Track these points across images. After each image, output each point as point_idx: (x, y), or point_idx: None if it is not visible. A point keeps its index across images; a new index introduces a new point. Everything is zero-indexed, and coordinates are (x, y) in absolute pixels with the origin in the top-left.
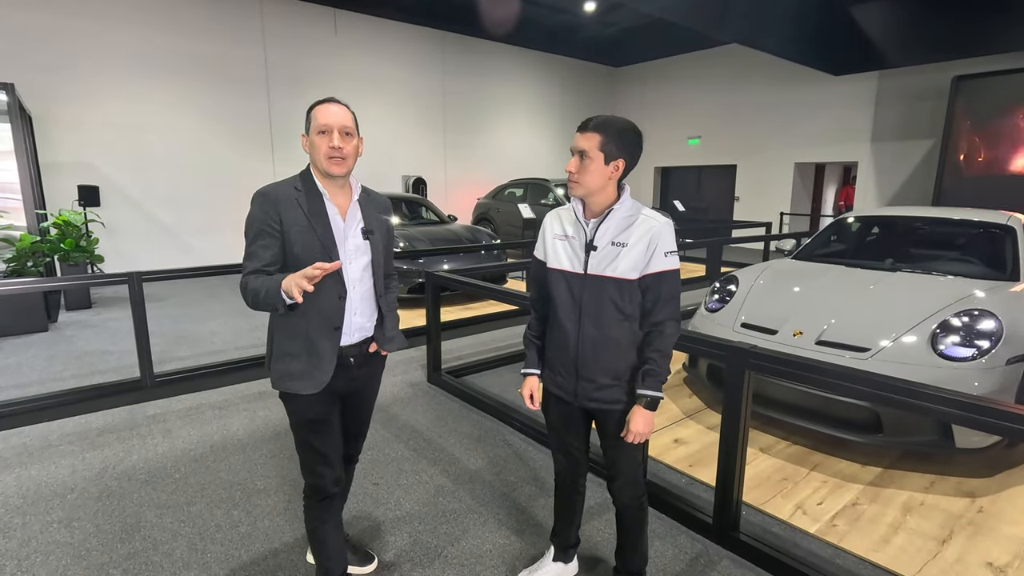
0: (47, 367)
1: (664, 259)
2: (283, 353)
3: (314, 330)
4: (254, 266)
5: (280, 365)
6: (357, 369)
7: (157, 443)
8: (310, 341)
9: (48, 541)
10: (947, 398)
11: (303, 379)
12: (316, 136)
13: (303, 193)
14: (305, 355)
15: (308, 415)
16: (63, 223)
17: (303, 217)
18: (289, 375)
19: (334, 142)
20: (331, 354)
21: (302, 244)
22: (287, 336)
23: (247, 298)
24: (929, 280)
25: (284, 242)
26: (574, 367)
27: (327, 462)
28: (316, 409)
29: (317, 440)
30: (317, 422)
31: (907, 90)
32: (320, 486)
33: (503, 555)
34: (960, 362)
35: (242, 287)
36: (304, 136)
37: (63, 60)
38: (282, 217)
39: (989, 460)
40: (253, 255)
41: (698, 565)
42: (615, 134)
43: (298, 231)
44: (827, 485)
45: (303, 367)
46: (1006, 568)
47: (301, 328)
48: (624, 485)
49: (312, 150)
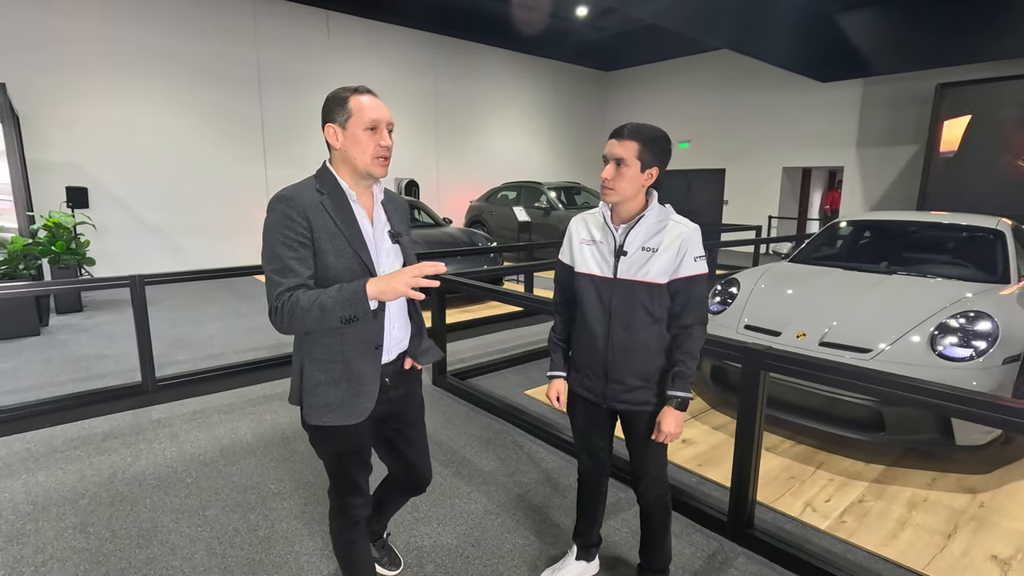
0: (43, 371)
1: (694, 264)
2: (317, 383)
3: (353, 352)
4: (295, 281)
5: (315, 398)
6: (393, 390)
7: (165, 447)
8: (348, 365)
9: (64, 547)
10: (954, 395)
11: (343, 409)
12: (363, 132)
13: (327, 196)
14: (345, 382)
15: (347, 447)
16: (53, 225)
17: (331, 222)
18: (327, 406)
19: (386, 140)
20: (374, 377)
21: (335, 252)
22: (321, 363)
23: (295, 317)
24: (924, 283)
25: (315, 250)
26: (603, 370)
27: (360, 491)
28: (356, 441)
29: (355, 472)
30: (356, 453)
31: (892, 97)
32: (351, 514)
33: (524, 555)
34: (958, 362)
35: (287, 306)
36: (333, 127)
37: (53, 60)
38: (311, 222)
39: (987, 457)
40: (288, 269)
41: (715, 562)
42: (650, 142)
43: (328, 238)
44: (833, 483)
45: (342, 395)
46: (1010, 560)
47: (337, 352)
48: (650, 484)
49: (353, 147)
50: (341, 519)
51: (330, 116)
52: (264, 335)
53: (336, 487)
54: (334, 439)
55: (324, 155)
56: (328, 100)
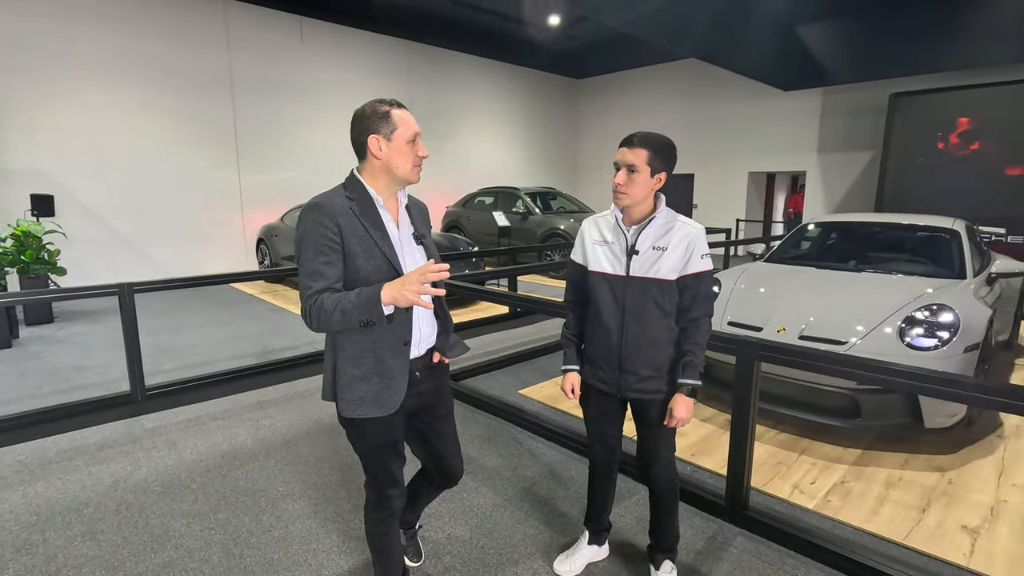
0: (20, 384)
1: (700, 261)
2: (351, 379)
3: (384, 348)
4: (322, 285)
5: (349, 392)
6: (424, 383)
7: (164, 455)
8: (379, 361)
9: (75, 555)
10: (928, 375)
11: (376, 403)
12: (406, 144)
13: (355, 202)
14: (376, 377)
15: (380, 439)
16: (22, 234)
17: (361, 227)
18: (361, 400)
19: (423, 151)
20: (403, 372)
21: (364, 254)
22: (354, 359)
23: (321, 318)
24: (890, 279)
25: (345, 254)
26: (617, 362)
27: (395, 482)
28: (389, 432)
29: (390, 463)
30: (389, 445)
31: (849, 105)
32: (388, 505)
33: (535, 543)
34: (925, 351)
35: (314, 308)
36: (377, 138)
37: (13, 62)
38: (341, 228)
39: (953, 438)
40: (318, 273)
41: (716, 542)
42: (659, 149)
43: (358, 241)
44: (816, 467)
45: (375, 389)
46: (978, 529)
47: (368, 349)
48: (661, 469)
49: (397, 157)
50: (378, 511)
51: (373, 128)
52: (249, 343)
53: (373, 480)
54: (368, 431)
55: (299, 160)
56: (367, 113)
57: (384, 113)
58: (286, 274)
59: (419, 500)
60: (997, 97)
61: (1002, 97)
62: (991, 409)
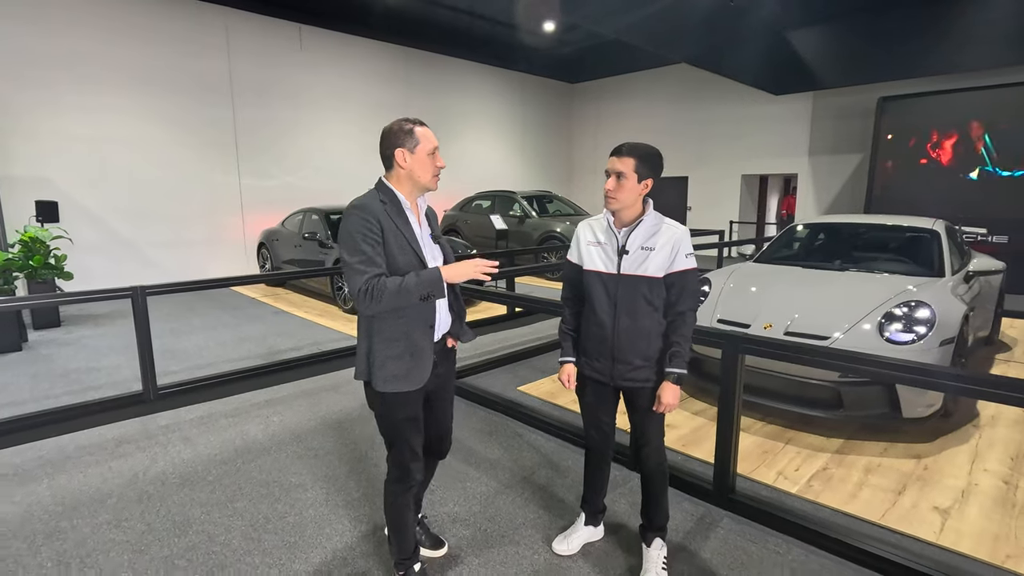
0: (35, 385)
1: (685, 259)
2: (386, 358)
3: (414, 330)
4: (376, 271)
5: (384, 371)
6: (441, 366)
7: (179, 450)
8: (411, 341)
9: (103, 540)
10: (902, 364)
11: (407, 378)
12: (427, 156)
13: (388, 204)
14: (408, 356)
15: (406, 412)
16: (30, 239)
17: (393, 225)
18: (395, 376)
19: (441, 162)
20: (430, 350)
21: (399, 248)
22: (389, 341)
23: (383, 297)
24: (872, 278)
25: (384, 248)
26: (610, 353)
27: (416, 456)
28: (413, 407)
29: (412, 435)
30: (413, 419)
31: (839, 109)
32: (409, 477)
33: (535, 526)
34: (903, 345)
35: (375, 288)
36: (403, 151)
37: (16, 71)
38: (382, 226)
39: (930, 428)
40: (371, 261)
41: (704, 523)
42: (645, 158)
43: (393, 238)
44: (801, 455)
45: (407, 366)
46: (949, 510)
47: (401, 331)
48: (651, 452)
49: (419, 167)
50: (400, 484)
51: (399, 143)
52: (254, 344)
53: (397, 454)
54: (398, 404)
55: (297, 165)
56: (394, 130)
57: (408, 130)
58: (296, 277)
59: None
60: (983, 100)
61: (988, 100)
62: (958, 395)
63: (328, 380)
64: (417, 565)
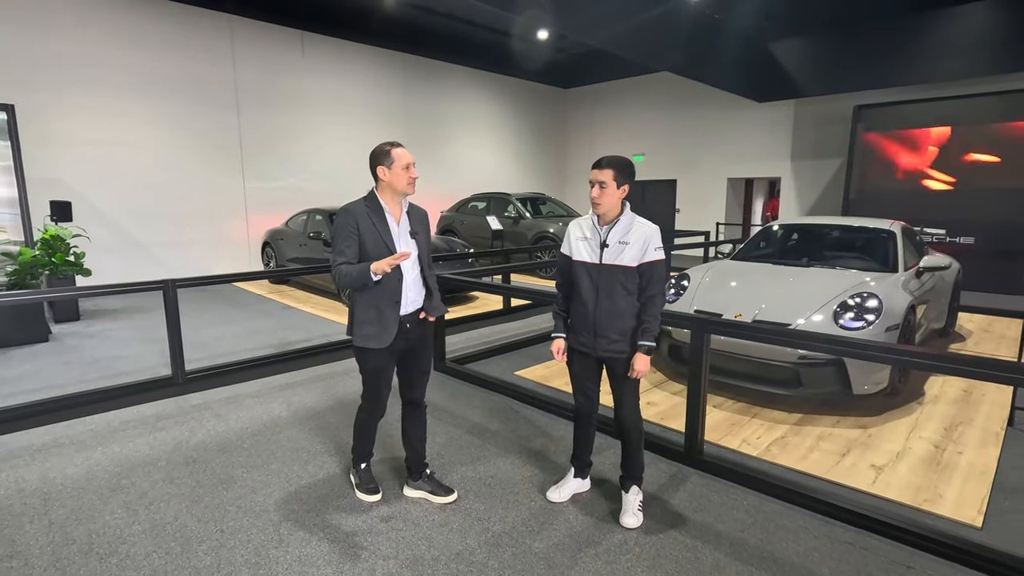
0: (67, 372)
1: (654, 252)
2: (361, 321)
3: (382, 303)
4: (341, 259)
5: (359, 330)
6: (413, 331)
7: (213, 424)
8: (380, 311)
9: (162, 493)
10: (854, 341)
11: (376, 338)
12: (402, 170)
13: (371, 208)
14: (377, 321)
15: (376, 365)
16: (51, 237)
17: (371, 224)
18: (366, 336)
19: (414, 173)
20: (394, 320)
21: (372, 242)
22: (364, 308)
23: (341, 280)
24: (833, 273)
25: (360, 241)
26: (593, 329)
27: (381, 401)
28: (382, 362)
29: (381, 385)
30: (381, 370)
31: (819, 116)
32: (374, 410)
33: (532, 481)
34: (854, 331)
35: (336, 273)
36: (383, 168)
37: (30, 78)
38: (359, 224)
39: (877, 404)
40: (341, 251)
41: (676, 479)
42: (622, 167)
43: (369, 233)
44: (764, 427)
45: (376, 330)
46: (883, 467)
47: (372, 303)
48: (628, 413)
49: (396, 179)
50: (365, 412)
51: (380, 162)
52: (266, 336)
53: (367, 397)
54: (370, 357)
55: (299, 168)
56: (377, 152)
57: (387, 151)
58: (308, 272)
59: (409, 436)
60: (954, 109)
61: (958, 109)
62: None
63: (340, 367)
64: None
